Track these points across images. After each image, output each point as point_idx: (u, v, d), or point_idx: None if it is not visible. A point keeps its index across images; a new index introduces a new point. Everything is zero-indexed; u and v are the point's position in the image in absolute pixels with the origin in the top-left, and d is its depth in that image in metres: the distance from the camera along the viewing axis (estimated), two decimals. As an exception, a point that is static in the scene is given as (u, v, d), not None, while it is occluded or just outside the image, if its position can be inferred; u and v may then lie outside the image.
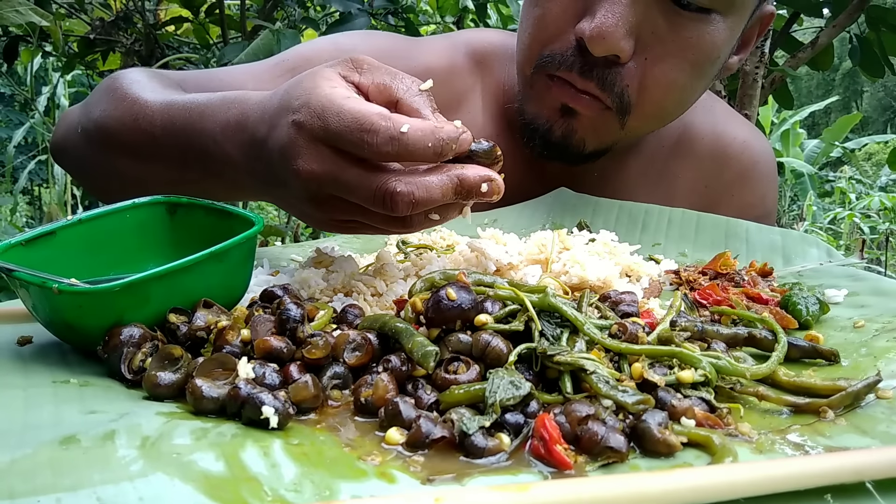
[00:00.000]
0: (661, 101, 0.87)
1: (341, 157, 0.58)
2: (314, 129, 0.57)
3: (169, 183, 0.73)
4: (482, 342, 0.48)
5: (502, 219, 0.95)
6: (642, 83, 0.84)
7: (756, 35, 0.96)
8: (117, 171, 0.81)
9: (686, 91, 0.88)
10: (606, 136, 0.90)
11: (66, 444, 0.38)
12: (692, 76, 0.85)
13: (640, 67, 0.82)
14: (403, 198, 0.56)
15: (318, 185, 0.59)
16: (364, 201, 0.58)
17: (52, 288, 0.49)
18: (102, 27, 2.46)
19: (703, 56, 0.84)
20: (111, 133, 0.78)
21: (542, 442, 0.41)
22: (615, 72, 0.82)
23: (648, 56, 0.82)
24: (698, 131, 1.05)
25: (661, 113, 0.90)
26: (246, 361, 0.47)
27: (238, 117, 0.66)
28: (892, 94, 18.00)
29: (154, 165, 0.76)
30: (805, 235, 0.92)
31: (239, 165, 0.67)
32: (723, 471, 0.38)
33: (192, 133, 0.70)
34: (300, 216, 0.68)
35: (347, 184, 0.58)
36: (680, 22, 0.81)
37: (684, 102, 0.91)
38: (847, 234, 7.62)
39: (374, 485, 0.38)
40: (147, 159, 0.76)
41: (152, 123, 0.74)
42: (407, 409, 0.44)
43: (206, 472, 0.37)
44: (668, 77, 0.84)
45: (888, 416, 0.47)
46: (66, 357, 0.53)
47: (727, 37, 0.85)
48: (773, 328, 0.57)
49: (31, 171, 4.94)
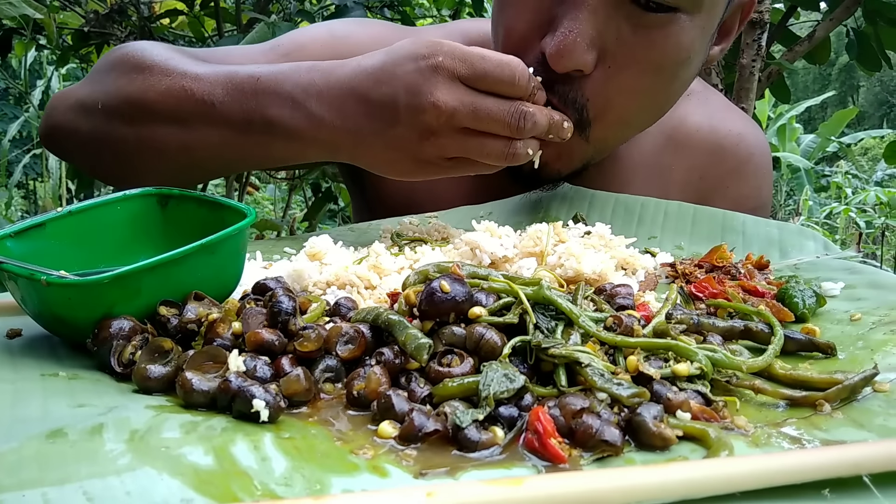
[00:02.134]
0: (626, 108, 0.84)
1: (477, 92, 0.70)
2: (456, 69, 0.70)
3: (222, 145, 0.80)
4: (476, 335, 0.48)
5: (497, 211, 0.94)
6: (605, 92, 0.81)
7: (738, 23, 0.93)
8: (155, 141, 0.82)
9: (655, 95, 0.85)
10: (575, 156, 0.88)
11: (53, 437, 0.38)
12: (659, 80, 0.83)
13: (602, 76, 0.80)
14: (529, 117, 0.71)
15: (451, 117, 0.70)
16: (499, 124, 0.71)
17: (41, 280, 0.49)
18: (97, 20, 2.44)
19: (668, 58, 0.81)
20: (150, 104, 0.81)
21: (537, 435, 0.41)
22: (576, 87, 0.80)
23: (612, 64, 0.79)
24: (693, 123, 1.04)
25: (628, 120, 0.87)
26: (237, 354, 0.46)
27: (323, 78, 0.75)
28: (889, 88, 18.02)
29: (208, 131, 0.80)
30: (802, 228, 0.92)
31: (323, 120, 0.75)
32: (719, 464, 0.38)
33: (264, 97, 0.76)
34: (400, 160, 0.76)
35: (488, 110, 0.70)
36: (644, 24, 0.78)
37: (655, 107, 0.88)
38: (843, 228, 7.63)
39: (366, 479, 0.38)
40: (199, 126, 0.80)
41: (211, 93, 0.78)
42: (400, 403, 0.43)
43: (195, 466, 0.36)
44: (631, 83, 0.81)
45: (885, 410, 0.46)
46: (56, 350, 0.53)
47: (696, 35, 0.82)
48: (770, 321, 0.57)
49: (25, 164, 4.91)
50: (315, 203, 2.73)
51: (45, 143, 0.93)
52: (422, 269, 0.57)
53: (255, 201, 5.08)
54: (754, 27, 1.61)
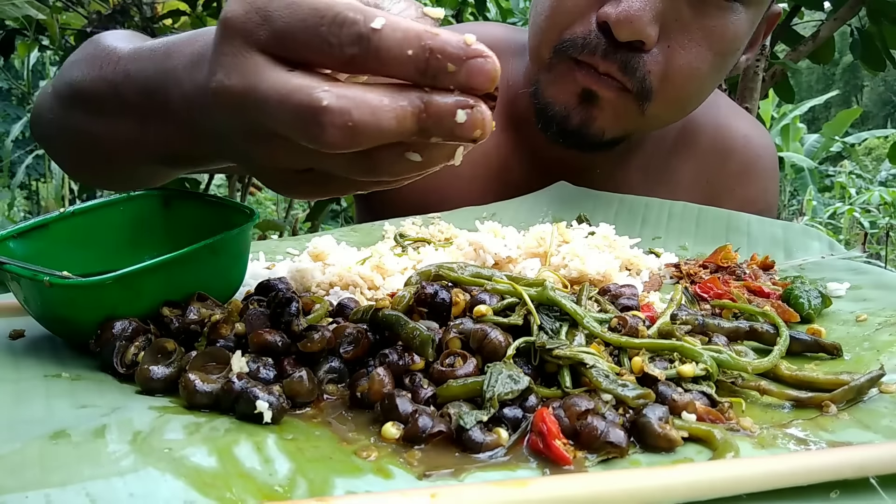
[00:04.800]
0: (683, 90, 0.87)
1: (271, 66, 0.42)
2: (248, 27, 0.43)
3: (125, 143, 0.63)
4: (480, 333, 0.48)
5: (501, 212, 0.94)
6: (665, 71, 0.84)
7: (763, 35, 0.97)
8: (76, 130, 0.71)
9: (706, 81, 0.88)
10: (626, 123, 0.90)
11: (56, 438, 0.38)
12: (713, 66, 0.86)
13: (662, 54, 0.83)
14: (335, 117, 0.39)
15: (236, 110, 0.44)
16: (280, 125, 0.42)
17: (44, 281, 0.48)
18: (99, 20, 2.44)
19: (725, 46, 0.84)
20: (75, 86, 0.69)
21: (541, 437, 0.41)
22: (638, 57, 0.82)
23: (671, 44, 0.82)
24: (700, 125, 1.05)
25: (681, 101, 0.90)
26: (240, 355, 0.46)
27: (202, 49, 0.52)
28: (893, 88, 17.98)
29: (111, 120, 0.64)
30: (807, 228, 0.91)
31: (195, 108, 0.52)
32: (725, 466, 0.38)
33: (155, 75, 0.57)
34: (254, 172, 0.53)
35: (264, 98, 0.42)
36: (704, 10, 0.82)
37: (703, 93, 0.92)
38: (847, 228, 7.61)
39: (370, 480, 0.37)
40: (106, 113, 0.64)
41: (115, 70, 0.63)
42: (403, 404, 0.43)
43: (199, 467, 0.36)
44: (690, 65, 0.84)
45: (891, 411, 0.46)
46: (59, 351, 0.53)
47: (747, 29, 0.86)
48: (775, 322, 0.57)
49: (28, 165, 4.92)
50: (317, 203, 2.73)
51: (33, 134, 0.88)
52: (424, 270, 0.57)
53: (257, 202, 5.08)
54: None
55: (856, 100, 18.24)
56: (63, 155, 0.83)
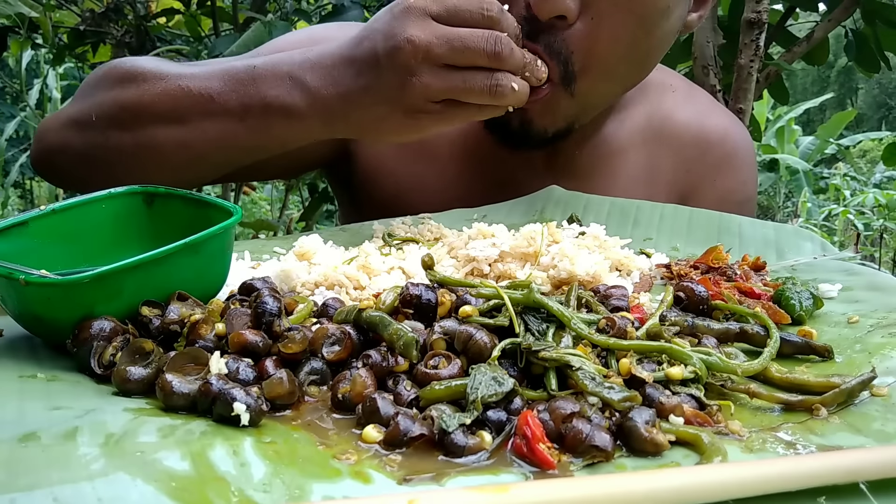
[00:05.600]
0: (609, 60, 0.84)
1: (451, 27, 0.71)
2: (427, 6, 0.71)
3: (220, 137, 0.81)
4: (465, 334, 0.47)
5: (492, 215, 0.93)
6: (588, 44, 0.81)
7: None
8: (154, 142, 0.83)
9: (636, 46, 0.85)
10: (560, 112, 0.88)
11: (25, 441, 0.37)
12: (641, 30, 0.83)
13: (585, 27, 0.81)
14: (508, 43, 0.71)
15: (427, 52, 0.70)
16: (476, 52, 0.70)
17: (20, 279, 0.47)
18: (93, 18, 2.42)
19: (649, 7, 0.82)
20: (147, 106, 0.82)
21: (525, 440, 0.40)
22: (560, 38, 0.81)
23: (595, 14, 0.80)
24: (680, 118, 1.05)
25: (612, 73, 0.87)
26: (219, 356, 0.45)
27: (316, 54, 0.78)
28: (887, 91, 18.03)
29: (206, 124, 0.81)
30: (799, 229, 0.91)
31: (318, 91, 0.76)
32: (712, 471, 0.37)
33: (262, 82, 0.78)
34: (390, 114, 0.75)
35: (462, 38, 0.70)
36: None
37: (637, 60, 0.88)
38: (841, 230, 7.62)
39: (348, 485, 0.37)
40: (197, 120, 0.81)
41: (208, 86, 0.80)
42: (385, 406, 0.42)
43: (171, 472, 0.35)
44: (613, 33, 0.82)
45: (882, 415, 0.45)
46: (36, 351, 0.52)
47: None
48: (766, 323, 0.56)
49: (22, 164, 4.89)
50: (311, 203, 2.72)
51: (38, 167, 0.93)
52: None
53: (251, 201, 5.06)
54: (752, 27, 1.59)
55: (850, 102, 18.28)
56: (91, 176, 0.87)
